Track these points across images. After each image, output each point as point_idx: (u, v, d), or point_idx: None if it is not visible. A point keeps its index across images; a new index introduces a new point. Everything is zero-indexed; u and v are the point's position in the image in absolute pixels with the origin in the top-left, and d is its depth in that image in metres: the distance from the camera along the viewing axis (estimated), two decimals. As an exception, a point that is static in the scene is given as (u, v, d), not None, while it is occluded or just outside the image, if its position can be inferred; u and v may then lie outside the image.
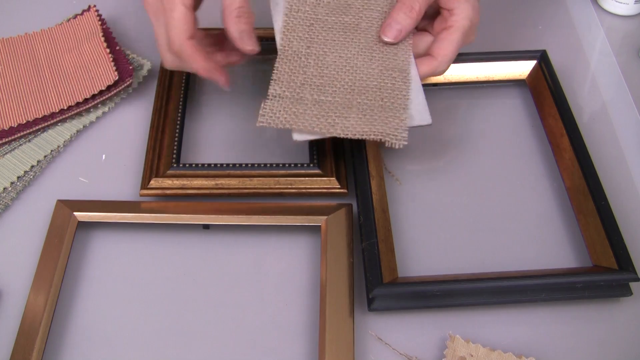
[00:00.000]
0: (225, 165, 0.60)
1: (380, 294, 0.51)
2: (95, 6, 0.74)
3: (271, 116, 0.54)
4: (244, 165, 0.60)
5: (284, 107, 0.54)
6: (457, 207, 0.60)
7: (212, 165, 0.60)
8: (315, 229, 0.58)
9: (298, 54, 0.57)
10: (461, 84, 0.69)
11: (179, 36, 0.54)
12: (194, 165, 0.60)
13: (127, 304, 0.54)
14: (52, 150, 0.63)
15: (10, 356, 0.49)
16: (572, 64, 0.73)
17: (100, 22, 0.72)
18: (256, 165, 0.60)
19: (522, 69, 0.69)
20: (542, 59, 0.68)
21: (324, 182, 0.60)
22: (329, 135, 0.54)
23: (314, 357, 0.51)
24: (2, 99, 0.65)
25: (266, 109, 0.54)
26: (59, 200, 0.58)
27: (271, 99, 0.55)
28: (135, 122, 0.66)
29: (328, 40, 0.58)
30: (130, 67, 0.68)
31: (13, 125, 0.63)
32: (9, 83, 0.67)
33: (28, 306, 0.51)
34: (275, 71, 0.56)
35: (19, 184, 0.61)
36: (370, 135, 0.54)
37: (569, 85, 0.69)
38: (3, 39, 0.71)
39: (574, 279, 0.53)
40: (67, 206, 0.57)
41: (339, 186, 0.60)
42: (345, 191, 0.60)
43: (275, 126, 0.54)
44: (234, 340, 0.52)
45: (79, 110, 0.65)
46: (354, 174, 0.60)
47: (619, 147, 0.65)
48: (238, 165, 0.60)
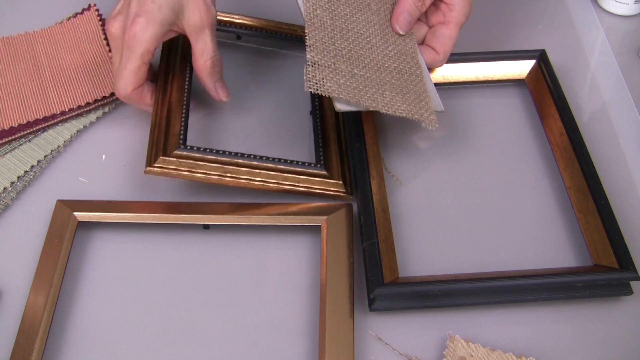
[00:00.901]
0: (234, 154, 0.58)
1: (382, 294, 0.51)
2: (95, 5, 0.74)
3: (316, 83, 0.53)
4: (252, 156, 0.58)
5: (327, 76, 0.53)
6: (457, 207, 0.60)
7: (221, 152, 0.58)
8: (316, 229, 0.58)
9: (324, 25, 0.56)
10: (460, 83, 0.69)
11: (126, 87, 0.59)
12: (202, 149, 0.58)
13: (127, 304, 0.54)
14: (52, 150, 0.63)
15: (10, 356, 0.49)
16: (572, 64, 0.73)
17: (100, 23, 0.72)
18: (265, 158, 0.58)
19: (521, 68, 0.69)
20: (541, 58, 0.68)
21: (330, 184, 0.59)
22: (371, 109, 0.53)
23: (314, 357, 0.51)
24: (2, 98, 0.65)
25: (309, 75, 0.53)
26: (59, 200, 0.58)
27: (311, 66, 0.54)
28: (135, 122, 0.66)
29: (348, 15, 0.58)
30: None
31: (13, 125, 0.63)
32: (9, 83, 0.67)
33: (28, 306, 0.51)
34: (307, 37, 0.55)
35: (19, 183, 0.61)
36: (409, 115, 0.53)
37: (568, 85, 0.69)
38: (3, 37, 0.71)
39: (574, 278, 0.53)
40: (67, 206, 0.57)
41: (344, 191, 0.60)
42: (350, 197, 0.60)
43: (322, 93, 0.53)
44: (234, 340, 0.52)
45: (79, 112, 0.65)
46: (354, 174, 0.60)
47: (619, 147, 0.65)
48: (247, 156, 0.58)
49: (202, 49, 0.59)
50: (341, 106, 0.53)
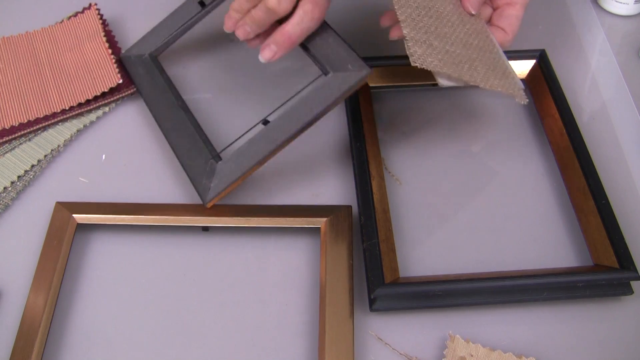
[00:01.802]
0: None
1: (382, 294, 0.51)
2: (95, 4, 0.74)
3: (419, 57, 0.52)
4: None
5: (426, 51, 0.53)
6: (457, 207, 0.60)
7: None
8: (315, 230, 0.58)
9: (409, 2, 0.55)
10: (461, 83, 0.69)
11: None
12: None
13: (126, 306, 0.54)
14: (52, 150, 0.63)
15: (10, 356, 0.49)
16: (572, 63, 0.73)
17: (101, 22, 0.72)
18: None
19: (521, 68, 0.69)
20: (541, 58, 0.68)
21: None
22: (471, 83, 0.53)
23: (313, 357, 0.51)
24: (3, 97, 0.65)
25: (411, 49, 0.52)
26: (58, 202, 0.58)
27: (410, 41, 0.53)
28: (135, 122, 0.66)
29: None
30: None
31: (14, 124, 0.63)
32: (10, 82, 0.67)
33: (28, 306, 0.51)
34: (398, 13, 0.54)
35: (19, 183, 0.61)
36: (505, 89, 0.53)
37: (568, 85, 0.69)
38: (4, 37, 0.71)
39: (575, 278, 0.53)
40: (66, 208, 0.57)
41: None
42: None
43: (427, 68, 0.52)
44: (234, 340, 0.52)
45: (80, 111, 0.65)
46: (354, 174, 0.60)
47: (619, 146, 0.65)
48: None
49: None
50: (443, 81, 0.53)
